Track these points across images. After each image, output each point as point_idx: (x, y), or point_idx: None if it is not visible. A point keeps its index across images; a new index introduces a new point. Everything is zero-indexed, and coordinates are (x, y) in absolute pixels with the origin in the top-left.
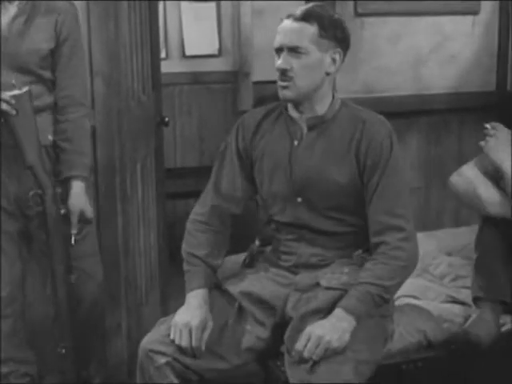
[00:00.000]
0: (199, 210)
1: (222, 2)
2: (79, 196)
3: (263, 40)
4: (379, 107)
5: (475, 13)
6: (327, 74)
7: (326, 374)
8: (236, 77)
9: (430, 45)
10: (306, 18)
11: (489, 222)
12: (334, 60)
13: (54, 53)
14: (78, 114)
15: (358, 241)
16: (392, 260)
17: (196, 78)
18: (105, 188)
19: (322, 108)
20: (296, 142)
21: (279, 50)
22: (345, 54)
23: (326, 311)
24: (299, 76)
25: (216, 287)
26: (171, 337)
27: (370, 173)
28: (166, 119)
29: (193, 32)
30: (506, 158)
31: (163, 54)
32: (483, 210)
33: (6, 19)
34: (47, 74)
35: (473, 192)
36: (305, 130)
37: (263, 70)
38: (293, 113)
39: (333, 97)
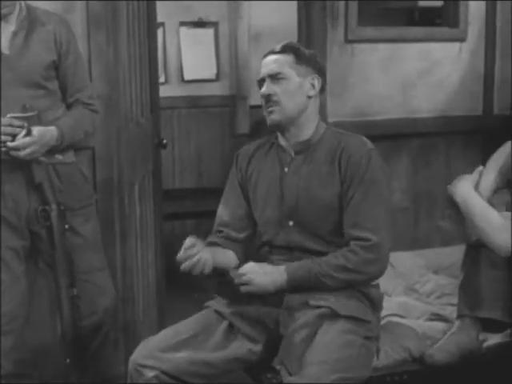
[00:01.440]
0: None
1: (220, 28)
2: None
3: (260, 64)
4: (369, 130)
5: (462, 40)
6: (309, 97)
7: None
8: (233, 101)
9: (418, 70)
10: (283, 50)
11: (471, 247)
12: (312, 85)
13: (58, 65)
14: (85, 107)
15: None
16: (342, 258)
17: (194, 102)
18: (103, 207)
19: (307, 133)
20: (286, 169)
21: (262, 81)
22: (323, 81)
23: (312, 325)
24: (283, 100)
25: (206, 308)
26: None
27: (346, 188)
28: (164, 141)
29: (191, 57)
30: (458, 192)
31: (162, 79)
32: (467, 237)
33: (6, 37)
34: (52, 86)
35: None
36: (292, 156)
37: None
38: (282, 141)
39: (318, 122)
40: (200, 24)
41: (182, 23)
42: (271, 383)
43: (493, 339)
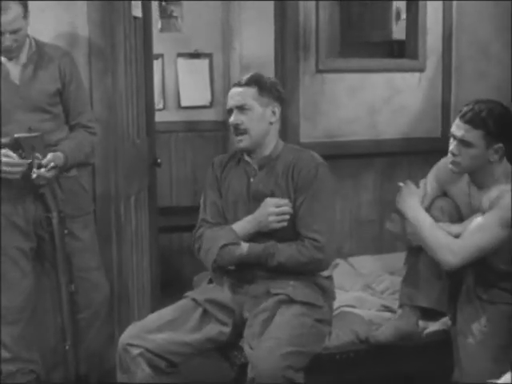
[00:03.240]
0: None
1: (214, 59)
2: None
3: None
4: (340, 150)
5: (421, 70)
6: (270, 123)
7: (263, 360)
8: (226, 126)
9: (382, 97)
10: (247, 82)
11: (413, 248)
12: (273, 112)
13: (62, 93)
14: (85, 130)
15: None
16: (296, 251)
17: (190, 127)
18: (101, 216)
19: (268, 150)
20: (252, 179)
21: (230, 111)
22: (282, 107)
23: (271, 309)
24: (249, 128)
25: (184, 298)
26: None
27: (298, 195)
28: (159, 160)
29: (188, 85)
30: (407, 208)
31: (161, 105)
32: (408, 241)
33: (17, 68)
34: (56, 110)
35: (401, 231)
36: (256, 169)
37: None
38: (247, 158)
39: (277, 141)
40: (196, 55)
41: (180, 54)
42: (237, 360)
43: (432, 327)
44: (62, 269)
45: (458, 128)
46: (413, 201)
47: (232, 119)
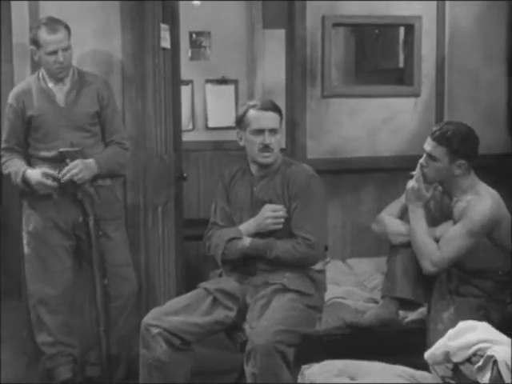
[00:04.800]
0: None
1: (239, 85)
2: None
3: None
4: (342, 165)
5: (417, 95)
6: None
7: (259, 335)
8: None
9: (381, 119)
10: (275, 108)
11: (394, 247)
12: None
13: (100, 114)
14: (118, 146)
15: None
16: (292, 247)
17: (217, 146)
18: (132, 222)
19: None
20: (255, 188)
21: (262, 131)
22: None
23: (269, 296)
24: (275, 148)
25: (198, 287)
26: None
27: (292, 202)
28: (185, 175)
29: (215, 108)
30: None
31: (190, 126)
32: (391, 241)
33: (62, 92)
34: (95, 129)
35: (384, 230)
36: (259, 179)
37: None
38: (252, 169)
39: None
40: (223, 81)
41: (208, 80)
42: (240, 339)
43: (411, 316)
44: (97, 264)
45: (427, 144)
46: (419, 209)
47: (266, 140)
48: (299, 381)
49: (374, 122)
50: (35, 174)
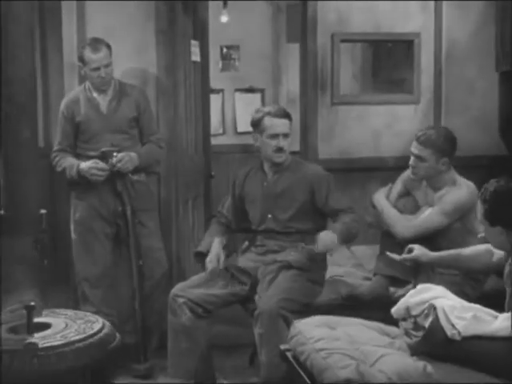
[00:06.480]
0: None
1: (266, 93)
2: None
3: (294, 121)
4: (350, 165)
5: (416, 103)
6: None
7: (265, 302)
8: None
9: (384, 124)
10: (288, 116)
11: (385, 232)
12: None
13: (138, 119)
14: (155, 145)
15: (302, 238)
16: (351, 219)
17: (245, 149)
18: (165, 214)
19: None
20: (265, 183)
21: (277, 135)
22: None
23: (276, 272)
24: (287, 150)
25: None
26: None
27: (320, 194)
28: (212, 173)
29: (243, 114)
30: (375, 198)
31: (221, 131)
32: (380, 227)
33: (105, 101)
34: (133, 132)
35: (375, 220)
36: (271, 175)
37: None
38: (265, 167)
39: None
40: (250, 90)
41: (237, 89)
42: (253, 309)
43: (400, 291)
44: (133, 248)
45: (414, 148)
46: (380, 194)
47: (280, 144)
48: (291, 330)
49: (378, 126)
50: (88, 164)
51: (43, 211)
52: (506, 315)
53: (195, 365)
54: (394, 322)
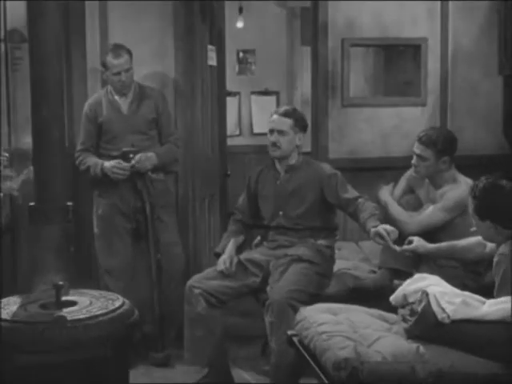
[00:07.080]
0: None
1: (281, 96)
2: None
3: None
4: (359, 164)
5: (423, 105)
6: (296, 146)
7: (276, 293)
8: None
9: (392, 125)
10: (286, 114)
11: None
12: (299, 138)
13: (157, 120)
14: (173, 144)
15: (312, 234)
16: (369, 204)
17: (261, 149)
18: (182, 211)
19: (292, 161)
20: (278, 182)
21: (272, 131)
22: (305, 133)
23: (286, 265)
24: (282, 146)
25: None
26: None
27: (331, 189)
28: (228, 172)
29: (259, 116)
30: (381, 194)
31: (237, 132)
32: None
33: (126, 103)
34: (152, 133)
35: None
36: (283, 173)
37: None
38: (277, 165)
39: (299, 154)
40: (266, 93)
41: (253, 92)
42: (265, 299)
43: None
44: (152, 242)
45: (416, 147)
46: (384, 192)
47: (273, 139)
48: (297, 317)
49: (387, 127)
50: (112, 163)
51: (70, 203)
52: (492, 301)
53: (210, 352)
54: (395, 311)
